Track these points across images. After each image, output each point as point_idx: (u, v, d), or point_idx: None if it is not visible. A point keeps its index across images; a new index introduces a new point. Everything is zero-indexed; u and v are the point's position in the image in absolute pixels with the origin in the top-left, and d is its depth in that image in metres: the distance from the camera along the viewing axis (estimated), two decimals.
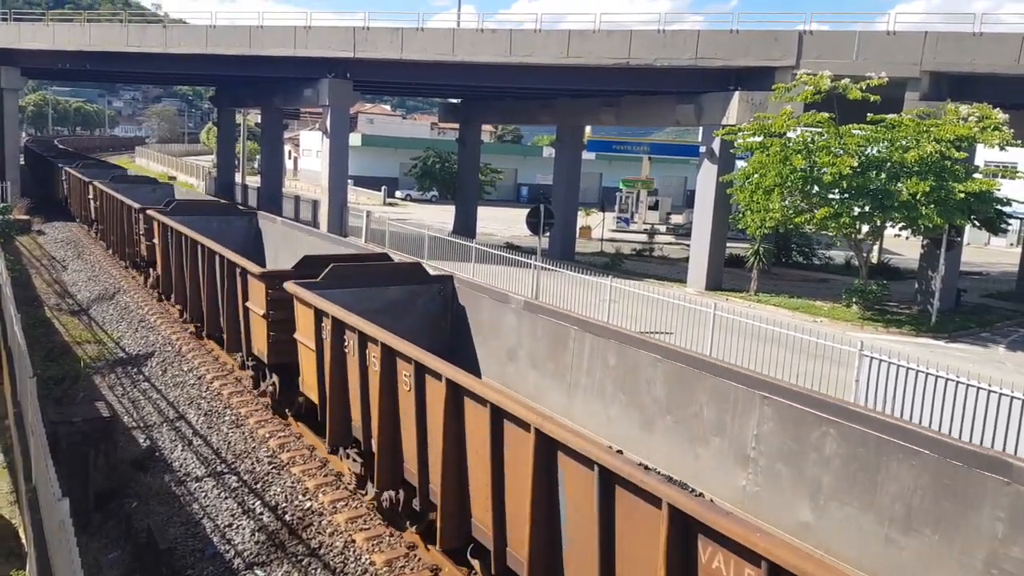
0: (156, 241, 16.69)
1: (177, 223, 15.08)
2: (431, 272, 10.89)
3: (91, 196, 25.67)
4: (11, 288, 12.86)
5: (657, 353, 7.61)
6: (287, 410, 11.21)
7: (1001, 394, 10.37)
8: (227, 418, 11.73)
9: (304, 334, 9.23)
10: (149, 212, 17.12)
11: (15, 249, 25.69)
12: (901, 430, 5.60)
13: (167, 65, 32.62)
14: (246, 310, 11.30)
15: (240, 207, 20.31)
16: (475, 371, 9.62)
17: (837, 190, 20.28)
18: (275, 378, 11.15)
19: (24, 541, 7.60)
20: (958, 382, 10.86)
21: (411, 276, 10.37)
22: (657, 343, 7.77)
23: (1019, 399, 10.17)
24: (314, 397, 9.28)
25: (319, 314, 8.67)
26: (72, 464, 8.80)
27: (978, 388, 10.64)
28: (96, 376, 13.79)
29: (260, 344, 11.02)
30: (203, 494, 9.53)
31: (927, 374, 11.25)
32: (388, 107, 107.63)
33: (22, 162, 42.35)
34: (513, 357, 9.59)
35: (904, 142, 19.83)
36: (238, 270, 11.59)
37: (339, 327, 8.32)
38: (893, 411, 11.32)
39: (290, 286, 9.23)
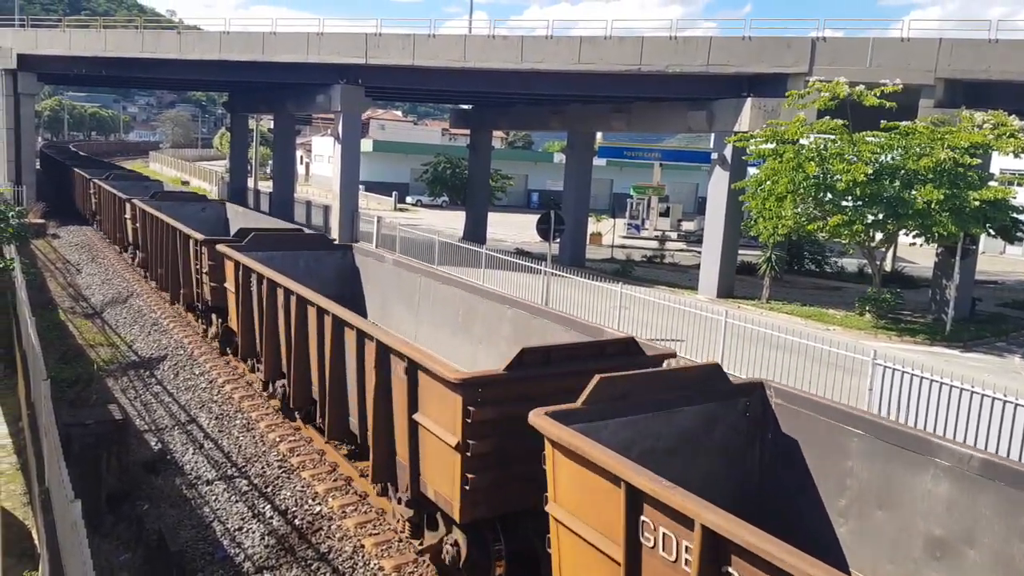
0: (229, 286, 13.15)
1: (260, 264, 11.72)
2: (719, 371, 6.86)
3: (129, 216, 22.30)
4: (26, 291, 12.96)
5: None
6: None
7: (1017, 404, 10.24)
8: (238, 422, 11.76)
9: (580, 512, 5.37)
10: (221, 248, 13.38)
11: (30, 252, 25.92)
12: None
13: (181, 71, 32.89)
14: (414, 425, 7.43)
15: (331, 240, 16.55)
16: (835, 561, 5.74)
17: (850, 197, 20.15)
18: (461, 538, 7.29)
19: (37, 542, 7.63)
20: (973, 392, 10.74)
21: (704, 386, 6.57)
22: None
23: None
24: None
25: (636, 496, 4.82)
26: (85, 466, 8.85)
27: (993, 398, 10.51)
28: (109, 379, 13.88)
29: (442, 484, 7.12)
30: (214, 497, 9.55)
31: (941, 383, 11.13)
32: (399, 113, 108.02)
33: (38, 166, 42.75)
34: (954, 558, 5.47)
35: (918, 149, 19.71)
36: (401, 363, 7.57)
37: (714, 545, 4.38)
38: (906, 421, 11.23)
39: (544, 422, 5.54)
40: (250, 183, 47.28)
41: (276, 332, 11.19)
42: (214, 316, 15.20)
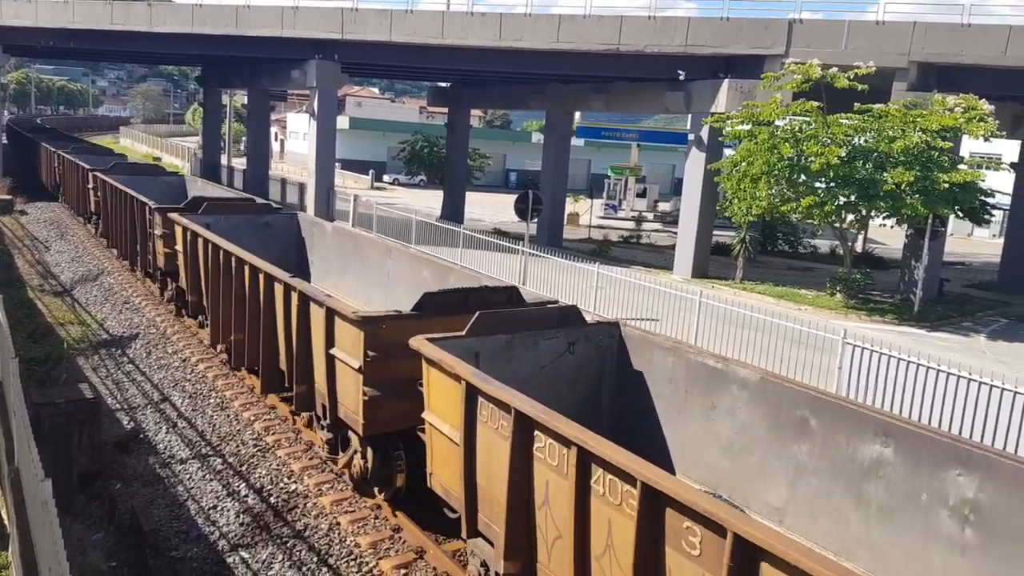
0: (99, 194, 22.35)
1: (110, 177, 21.77)
2: None
3: (56, 165, 30.27)
4: None
5: None
6: None
7: (980, 382, 10.50)
8: (212, 401, 11.70)
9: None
10: (95, 172, 23.23)
11: None
12: None
13: (152, 44, 32.19)
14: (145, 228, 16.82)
15: (165, 169, 28.93)
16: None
17: (823, 179, 20.37)
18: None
19: (6, 522, 7.57)
20: (939, 370, 10.99)
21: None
22: None
23: (998, 388, 10.31)
24: None
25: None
26: (56, 445, 8.77)
27: (958, 376, 10.77)
28: (79, 357, 13.71)
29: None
30: (187, 476, 9.53)
31: (908, 362, 11.37)
32: (376, 90, 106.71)
33: (4, 141, 41.72)
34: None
35: (891, 132, 19.93)
36: (152, 212, 16.76)
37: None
38: (874, 399, 11.47)
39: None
40: (223, 160, 46.58)
41: (113, 214, 19.60)
42: (94, 217, 23.15)
